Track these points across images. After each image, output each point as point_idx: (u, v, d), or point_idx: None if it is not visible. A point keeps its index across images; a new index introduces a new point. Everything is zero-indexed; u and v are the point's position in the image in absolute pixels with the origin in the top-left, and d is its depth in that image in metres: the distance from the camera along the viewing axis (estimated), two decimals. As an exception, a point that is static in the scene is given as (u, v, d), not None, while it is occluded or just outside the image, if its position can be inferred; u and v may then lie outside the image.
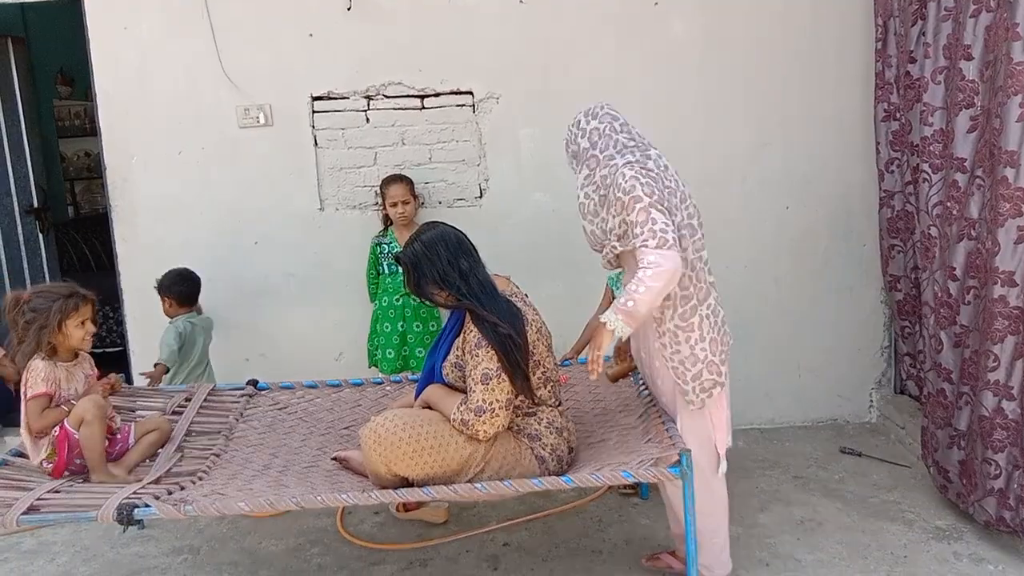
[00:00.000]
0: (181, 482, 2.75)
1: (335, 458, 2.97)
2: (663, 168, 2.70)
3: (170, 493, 2.64)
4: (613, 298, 2.90)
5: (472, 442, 2.64)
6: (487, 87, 4.21)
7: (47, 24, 6.46)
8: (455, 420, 2.63)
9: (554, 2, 4.15)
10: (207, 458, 2.96)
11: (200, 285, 4.04)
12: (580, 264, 3.88)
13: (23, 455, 2.94)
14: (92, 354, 3.09)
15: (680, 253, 2.57)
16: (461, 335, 2.70)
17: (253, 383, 3.53)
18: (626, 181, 2.61)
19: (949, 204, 3.17)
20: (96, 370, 3.07)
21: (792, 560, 3.13)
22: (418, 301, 2.92)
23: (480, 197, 4.31)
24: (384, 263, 4.11)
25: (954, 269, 3.15)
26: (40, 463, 2.85)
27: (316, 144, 4.27)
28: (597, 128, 2.75)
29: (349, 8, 4.14)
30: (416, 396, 2.89)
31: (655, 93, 4.12)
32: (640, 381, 3.14)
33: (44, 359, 2.86)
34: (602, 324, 2.62)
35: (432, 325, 4.07)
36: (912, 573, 3.01)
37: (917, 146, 3.44)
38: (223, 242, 4.31)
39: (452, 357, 2.74)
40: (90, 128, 6.94)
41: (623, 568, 3.12)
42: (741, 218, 4.25)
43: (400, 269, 3.09)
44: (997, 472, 3.00)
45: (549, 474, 2.69)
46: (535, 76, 4.19)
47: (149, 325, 4.15)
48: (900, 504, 3.51)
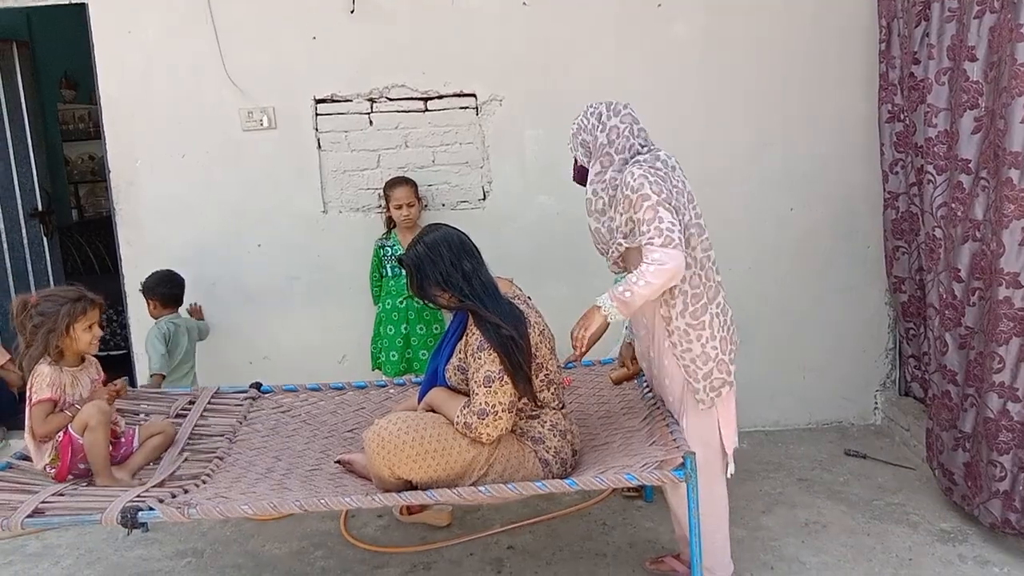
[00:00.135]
0: (185, 485, 2.75)
1: (339, 461, 2.97)
2: (671, 168, 2.71)
3: (174, 496, 2.64)
4: None
5: (476, 445, 2.63)
6: (490, 89, 4.21)
7: (52, 28, 6.48)
8: (458, 423, 2.63)
9: (556, 4, 4.15)
10: (211, 461, 2.96)
11: (184, 286, 4.04)
12: (584, 266, 3.87)
13: (27, 458, 2.94)
14: (96, 357, 3.09)
15: (684, 253, 2.58)
16: (464, 338, 2.70)
17: (256, 386, 3.53)
18: (634, 179, 2.61)
19: (954, 205, 3.16)
20: (102, 374, 3.08)
21: (796, 563, 3.12)
22: (421, 304, 2.92)
23: (483, 199, 4.31)
24: (387, 266, 4.11)
25: (959, 271, 3.15)
26: (44, 468, 2.85)
27: (319, 147, 4.28)
28: (617, 127, 2.74)
29: (352, 11, 4.15)
30: (419, 399, 2.89)
31: (657, 93, 4.11)
32: (644, 383, 3.13)
33: (50, 364, 2.86)
34: (596, 307, 2.67)
35: (436, 328, 4.07)
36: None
37: (921, 147, 3.43)
38: (227, 245, 4.32)
39: (455, 360, 2.74)
40: (94, 131, 6.97)
41: (627, 571, 3.12)
42: (743, 219, 4.24)
43: (403, 272, 3.09)
44: (1002, 474, 3.00)
45: (553, 477, 2.69)
46: (538, 78, 4.19)
47: (153, 328, 4.16)
48: (905, 506, 3.51)
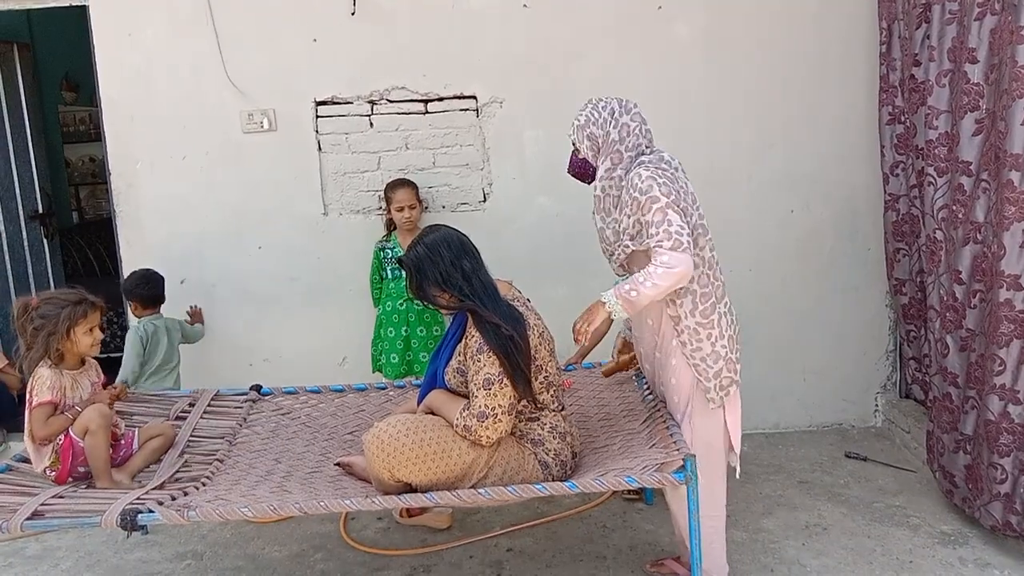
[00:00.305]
0: (185, 487, 2.75)
1: (338, 464, 2.96)
2: (675, 169, 2.71)
3: (174, 499, 2.64)
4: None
5: (475, 448, 2.63)
6: (491, 91, 4.21)
7: (52, 31, 6.48)
8: (458, 426, 2.62)
9: (557, 6, 4.15)
10: (210, 463, 2.96)
11: (163, 285, 4.02)
12: (584, 268, 3.87)
13: (27, 461, 2.94)
14: (96, 359, 3.09)
15: (693, 256, 2.58)
16: (463, 340, 2.70)
17: (256, 388, 3.53)
18: (642, 181, 2.61)
19: (954, 207, 3.16)
20: (102, 376, 3.08)
21: (797, 565, 3.12)
22: (422, 305, 2.92)
23: (484, 201, 4.31)
24: (387, 268, 4.11)
25: (960, 273, 3.14)
26: (44, 470, 2.85)
27: (320, 149, 4.28)
28: (628, 125, 2.73)
29: (353, 13, 4.15)
30: (419, 401, 2.89)
31: (658, 95, 4.10)
32: (645, 385, 3.13)
33: (50, 367, 2.86)
34: (600, 302, 2.67)
35: (436, 329, 4.07)
36: (918, 578, 3.01)
37: (922, 149, 3.43)
38: (227, 247, 4.32)
39: (454, 362, 2.73)
40: (95, 134, 6.98)
41: (627, 574, 3.11)
42: (745, 220, 4.24)
43: (403, 274, 3.09)
44: (1003, 476, 2.99)
45: (553, 479, 2.68)
46: (539, 80, 4.19)
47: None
48: (905, 509, 3.50)
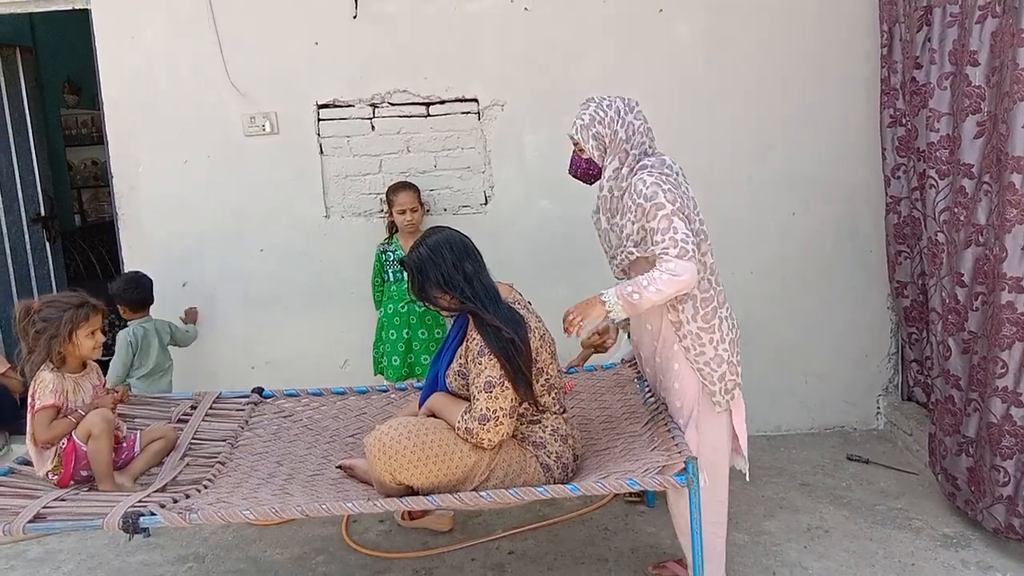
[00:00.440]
0: (186, 490, 2.75)
1: (340, 466, 2.96)
2: (676, 173, 2.71)
3: (175, 501, 2.64)
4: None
5: (477, 450, 2.63)
6: (492, 94, 4.22)
7: (55, 34, 6.50)
8: (459, 429, 2.62)
9: (558, 8, 4.16)
10: (212, 466, 2.96)
11: (151, 287, 4.02)
12: (585, 271, 3.86)
13: (30, 463, 2.94)
14: (98, 362, 3.09)
15: (697, 264, 2.58)
16: (464, 343, 2.70)
17: (258, 391, 3.53)
18: (647, 187, 2.60)
19: (956, 210, 3.15)
20: (103, 379, 3.08)
21: (799, 568, 3.11)
22: (423, 308, 2.91)
23: (485, 204, 4.32)
24: (389, 270, 4.11)
25: (962, 275, 3.14)
26: (46, 474, 2.85)
27: (322, 152, 4.29)
28: (633, 124, 2.73)
29: (354, 16, 4.16)
30: (420, 404, 2.88)
31: (659, 96, 4.08)
32: (646, 388, 3.12)
33: (52, 370, 2.86)
34: (600, 300, 2.65)
35: (437, 332, 4.07)
36: (920, 581, 3.00)
37: (923, 152, 3.43)
38: (229, 249, 4.33)
39: (455, 365, 2.73)
40: (97, 137, 6.99)
41: (629, 576, 3.12)
42: (745, 221, 4.24)
43: (405, 276, 3.09)
44: (1006, 479, 2.99)
45: (554, 482, 2.68)
46: (540, 83, 4.20)
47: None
48: (907, 511, 3.50)
